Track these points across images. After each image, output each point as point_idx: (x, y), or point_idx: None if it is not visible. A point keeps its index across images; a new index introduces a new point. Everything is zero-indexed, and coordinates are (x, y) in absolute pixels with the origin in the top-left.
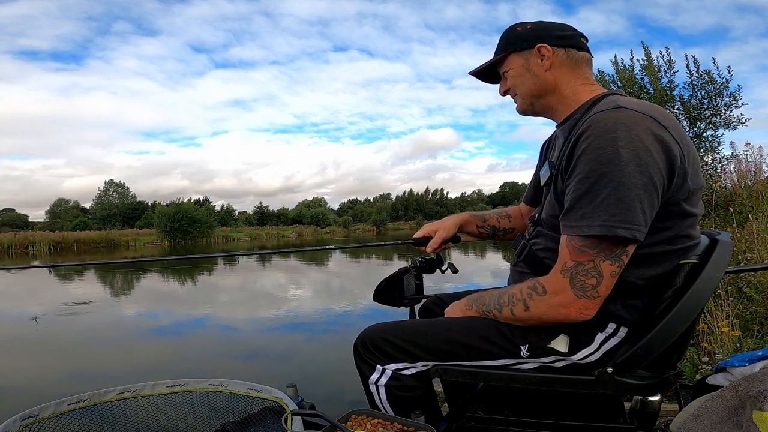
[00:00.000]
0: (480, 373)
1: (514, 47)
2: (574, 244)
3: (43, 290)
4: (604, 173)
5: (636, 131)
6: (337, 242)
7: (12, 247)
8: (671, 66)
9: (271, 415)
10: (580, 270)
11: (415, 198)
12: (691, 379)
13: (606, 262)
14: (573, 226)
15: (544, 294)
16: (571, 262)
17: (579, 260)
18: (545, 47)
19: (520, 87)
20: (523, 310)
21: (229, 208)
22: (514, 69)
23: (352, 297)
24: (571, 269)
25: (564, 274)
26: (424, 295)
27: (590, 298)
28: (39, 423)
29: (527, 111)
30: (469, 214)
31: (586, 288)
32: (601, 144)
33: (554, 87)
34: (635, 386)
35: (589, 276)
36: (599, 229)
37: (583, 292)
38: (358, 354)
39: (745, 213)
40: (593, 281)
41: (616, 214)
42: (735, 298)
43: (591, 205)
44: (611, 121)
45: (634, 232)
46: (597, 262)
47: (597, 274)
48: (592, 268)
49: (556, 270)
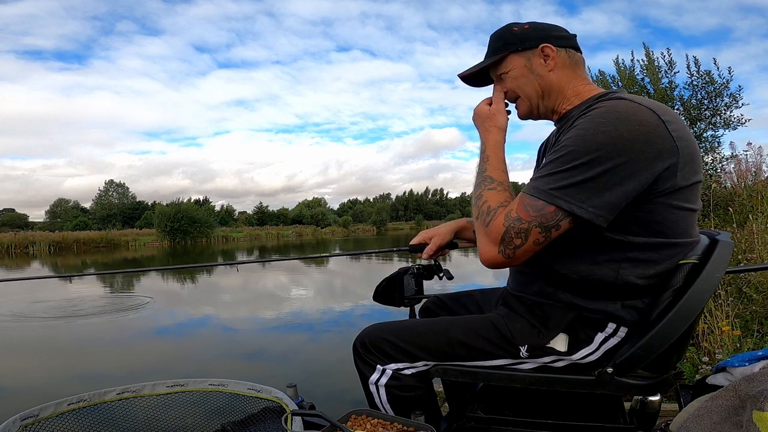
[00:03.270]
0: (480, 373)
1: (514, 47)
2: (523, 199)
3: (43, 290)
4: (573, 150)
5: (623, 119)
6: (337, 242)
7: (12, 247)
8: (672, 66)
9: (271, 415)
10: (515, 226)
11: (415, 198)
12: (691, 379)
13: (537, 228)
14: (528, 186)
15: (486, 226)
16: (515, 213)
17: (520, 215)
18: (550, 47)
19: (524, 88)
20: (474, 217)
21: (229, 208)
22: (515, 70)
23: (352, 297)
24: (511, 221)
25: (505, 221)
26: (424, 295)
27: (507, 258)
28: (39, 423)
29: (531, 114)
30: (465, 220)
31: (509, 246)
32: (586, 125)
33: (558, 87)
34: (635, 386)
35: (518, 236)
36: (544, 195)
37: (505, 249)
38: (358, 354)
39: (745, 213)
40: (518, 242)
41: (564, 187)
42: (735, 298)
43: (548, 172)
44: (606, 108)
45: (573, 207)
46: (531, 225)
47: (524, 237)
48: (525, 229)
49: (502, 212)
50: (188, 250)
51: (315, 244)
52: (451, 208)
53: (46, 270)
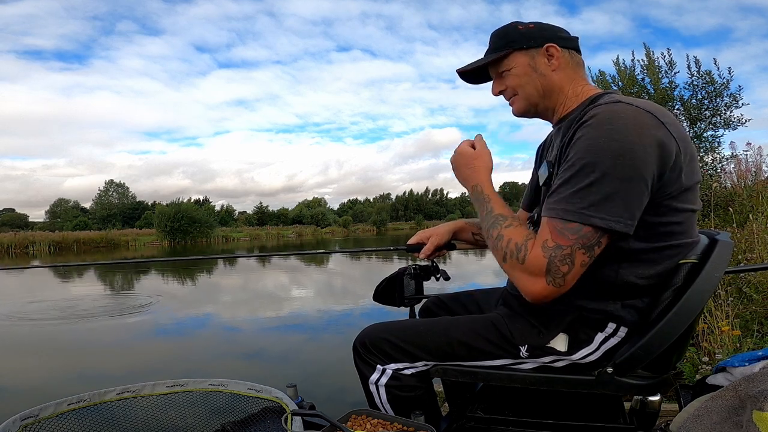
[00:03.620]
0: (480, 373)
1: (518, 45)
2: (555, 225)
3: (43, 290)
4: (590, 162)
5: (630, 124)
6: (337, 242)
7: (12, 247)
8: (672, 66)
9: (271, 415)
10: (558, 254)
11: (415, 198)
12: (691, 379)
13: (580, 251)
14: (554, 208)
15: (522, 263)
16: (551, 242)
17: (559, 243)
18: (554, 47)
19: (525, 86)
20: (501, 259)
21: (228, 208)
22: (518, 67)
23: (352, 297)
24: (551, 250)
25: (544, 252)
26: (424, 295)
27: (557, 286)
28: (39, 423)
29: (528, 112)
30: (464, 221)
31: (557, 275)
32: (593, 134)
33: (559, 88)
34: (635, 386)
35: (564, 263)
36: (577, 216)
37: (553, 278)
38: (358, 354)
39: (745, 213)
40: (565, 269)
41: (595, 203)
42: (735, 298)
43: (572, 190)
44: (608, 113)
45: (611, 223)
46: (574, 249)
47: (570, 263)
48: (568, 255)
49: (537, 245)
50: (188, 250)
51: (315, 244)
52: (451, 208)
53: (46, 270)
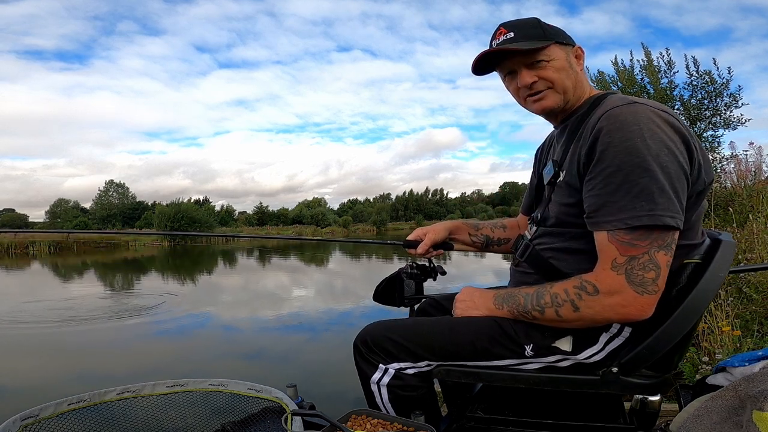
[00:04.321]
0: (483, 373)
1: (558, 38)
2: (620, 238)
3: (42, 290)
4: (636, 164)
5: (657, 123)
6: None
7: (12, 247)
8: (671, 66)
9: (271, 415)
10: (635, 264)
11: (415, 198)
12: (691, 379)
13: (660, 252)
14: (614, 220)
15: (596, 294)
16: (622, 257)
17: (631, 254)
18: (581, 49)
19: (564, 80)
20: (571, 311)
21: (228, 208)
22: (559, 60)
23: (352, 297)
24: (624, 265)
25: (617, 271)
26: (423, 295)
27: (651, 293)
28: (39, 423)
29: (558, 107)
30: (461, 221)
31: (646, 283)
32: (626, 136)
33: (581, 88)
34: (639, 386)
35: (647, 269)
36: (648, 219)
37: (644, 288)
38: (359, 352)
39: (745, 213)
40: (652, 274)
41: (660, 203)
42: (735, 298)
43: (629, 196)
44: (631, 115)
45: (678, 221)
46: (652, 253)
47: (655, 267)
48: (648, 260)
49: (604, 268)
50: (188, 250)
51: (315, 244)
52: (451, 208)
53: (46, 270)
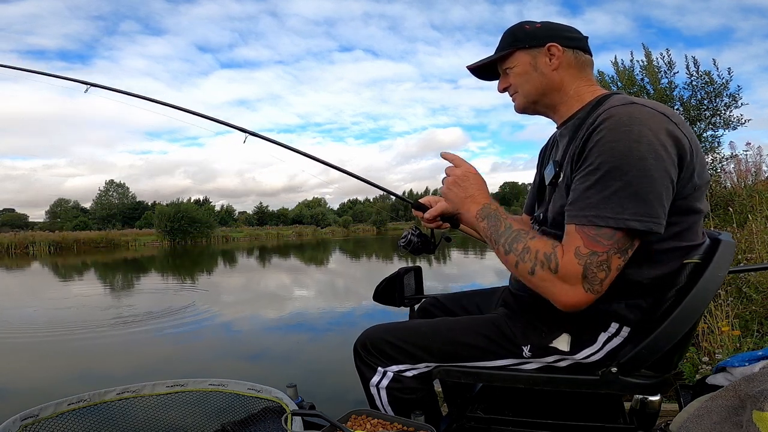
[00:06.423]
0: (482, 373)
1: (522, 44)
2: (587, 232)
3: (42, 290)
4: (616, 166)
5: (650, 126)
6: (336, 242)
7: (12, 247)
8: (671, 67)
9: (271, 415)
10: (594, 261)
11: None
12: (691, 379)
13: (616, 255)
14: (583, 215)
15: (554, 272)
16: (585, 249)
17: (594, 249)
18: (556, 47)
19: (524, 85)
20: (527, 273)
21: (228, 208)
22: (519, 66)
23: (352, 297)
24: (585, 257)
25: (578, 260)
26: (423, 295)
27: (595, 293)
28: (39, 423)
29: (527, 109)
30: None
31: (595, 282)
32: (614, 137)
33: (559, 87)
34: (638, 386)
35: (601, 269)
36: (612, 221)
37: (591, 286)
38: (359, 356)
39: (745, 213)
40: (603, 275)
41: (629, 207)
42: (735, 298)
43: (600, 195)
44: (626, 116)
45: (650, 225)
46: (610, 254)
47: (607, 269)
48: (605, 260)
49: (568, 251)
50: (188, 250)
51: (315, 244)
52: None
53: (46, 271)
